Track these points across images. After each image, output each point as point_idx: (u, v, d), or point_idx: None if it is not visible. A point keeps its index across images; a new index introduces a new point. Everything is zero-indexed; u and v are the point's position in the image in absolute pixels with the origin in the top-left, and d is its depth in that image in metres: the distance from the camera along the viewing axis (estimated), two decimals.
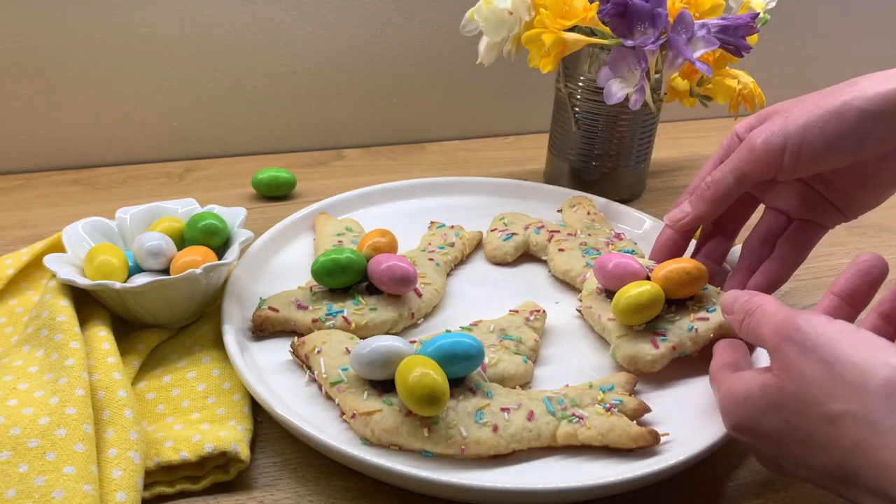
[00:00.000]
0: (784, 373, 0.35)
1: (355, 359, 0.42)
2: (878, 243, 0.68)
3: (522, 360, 0.47)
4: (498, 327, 0.49)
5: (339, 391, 0.43)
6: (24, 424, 0.39)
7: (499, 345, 0.48)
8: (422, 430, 0.41)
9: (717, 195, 0.50)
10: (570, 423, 0.42)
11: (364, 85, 0.82)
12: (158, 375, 0.47)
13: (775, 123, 0.47)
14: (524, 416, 0.42)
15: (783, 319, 0.37)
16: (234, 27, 0.75)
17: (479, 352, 0.43)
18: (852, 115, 0.44)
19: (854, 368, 0.33)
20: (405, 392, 0.40)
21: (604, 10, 0.60)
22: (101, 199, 0.71)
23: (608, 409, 0.43)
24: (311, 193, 0.72)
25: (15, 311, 0.52)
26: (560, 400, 0.43)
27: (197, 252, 0.50)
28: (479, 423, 0.41)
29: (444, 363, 0.41)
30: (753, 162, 0.48)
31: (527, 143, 0.87)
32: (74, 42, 0.71)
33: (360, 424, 0.42)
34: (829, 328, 0.35)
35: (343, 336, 0.47)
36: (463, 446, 0.41)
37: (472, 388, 0.43)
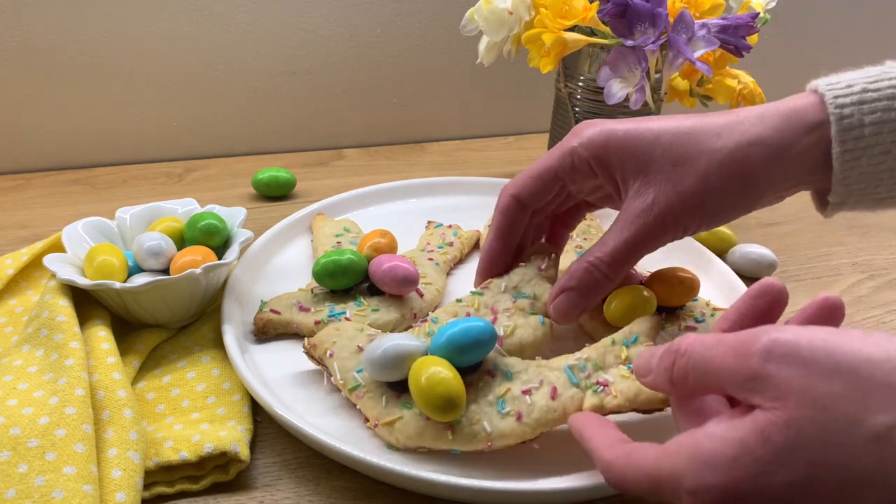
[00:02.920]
0: (785, 401, 0.27)
1: (367, 364, 0.41)
2: (878, 243, 0.68)
3: (539, 321, 0.45)
4: (510, 285, 0.47)
5: (359, 397, 0.42)
6: (23, 424, 0.39)
7: (513, 308, 0.46)
8: (446, 433, 0.40)
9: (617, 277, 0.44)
10: (596, 393, 0.40)
11: (364, 85, 0.82)
12: (158, 375, 0.47)
13: (665, 193, 0.41)
14: (547, 395, 0.40)
15: (746, 339, 0.29)
16: (234, 27, 0.75)
17: (491, 335, 0.41)
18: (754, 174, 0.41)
19: (884, 366, 0.26)
20: (421, 402, 0.39)
21: (604, 9, 0.60)
22: (100, 199, 0.71)
23: (632, 371, 0.39)
24: (310, 193, 0.72)
25: (15, 311, 0.52)
26: (582, 367, 0.41)
27: (197, 252, 0.50)
28: (502, 414, 0.40)
29: (456, 355, 0.40)
30: (658, 237, 0.42)
31: (527, 143, 0.87)
32: (74, 42, 0.71)
33: (385, 433, 0.41)
34: (813, 333, 0.28)
35: (352, 331, 0.45)
36: (489, 442, 0.40)
37: (491, 371, 0.41)
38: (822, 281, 0.62)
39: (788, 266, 0.64)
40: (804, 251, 0.66)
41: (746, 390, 0.28)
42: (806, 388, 0.26)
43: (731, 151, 0.41)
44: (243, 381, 0.45)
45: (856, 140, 0.40)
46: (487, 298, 0.47)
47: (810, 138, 0.40)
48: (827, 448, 0.26)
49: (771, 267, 0.61)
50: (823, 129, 0.40)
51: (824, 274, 0.63)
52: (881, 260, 0.65)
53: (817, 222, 0.71)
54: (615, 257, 0.43)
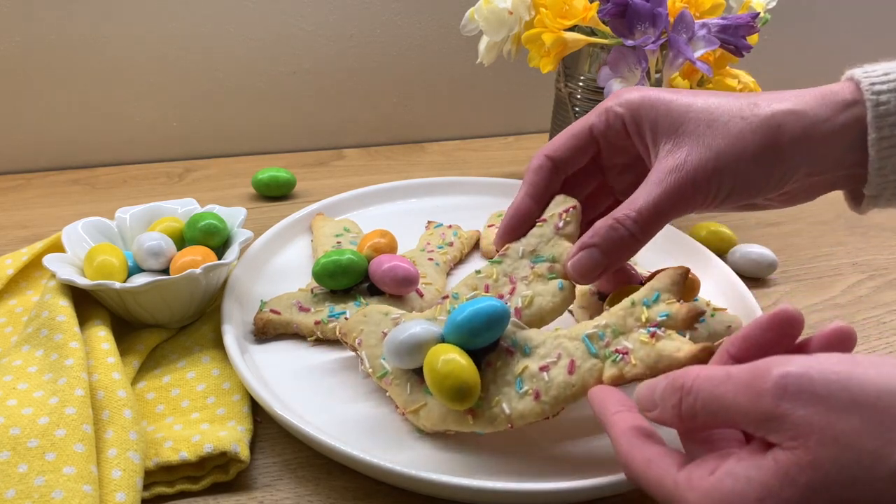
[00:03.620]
0: (804, 439, 0.26)
1: (387, 354, 0.42)
2: (878, 243, 0.68)
3: (558, 286, 0.43)
4: (527, 249, 0.45)
5: (388, 384, 0.43)
6: (23, 424, 0.39)
7: (531, 274, 0.44)
8: (466, 418, 0.40)
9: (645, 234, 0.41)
10: (615, 362, 0.38)
11: (364, 85, 0.82)
12: (158, 375, 0.47)
13: (697, 151, 0.40)
14: (565, 369, 0.39)
15: (756, 375, 0.28)
16: (234, 27, 0.75)
17: (503, 313, 0.40)
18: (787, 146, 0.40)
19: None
20: (436, 392, 0.40)
21: (604, 9, 0.60)
22: (100, 198, 0.71)
23: (653, 335, 0.38)
24: (310, 193, 0.72)
25: (15, 311, 0.52)
26: (601, 335, 0.39)
27: (197, 252, 0.50)
28: (520, 394, 0.39)
29: (469, 339, 0.40)
30: (689, 197, 0.40)
31: (527, 143, 0.87)
32: (74, 42, 0.71)
33: (413, 419, 0.42)
34: (825, 365, 0.27)
35: (378, 315, 0.45)
36: (509, 423, 0.39)
37: (509, 349, 0.41)
38: (823, 281, 0.62)
39: (788, 266, 0.64)
40: (804, 251, 0.66)
41: (762, 429, 0.28)
42: (825, 427, 0.26)
43: (766, 117, 0.40)
44: (243, 381, 0.45)
45: (892, 127, 0.39)
46: (506, 267, 0.45)
47: (846, 115, 0.40)
48: (851, 486, 0.26)
49: (771, 267, 0.61)
50: (859, 108, 0.39)
51: (824, 274, 0.63)
52: (881, 260, 0.65)
53: (817, 222, 0.71)
54: (643, 214, 0.40)
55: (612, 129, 0.44)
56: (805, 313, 0.57)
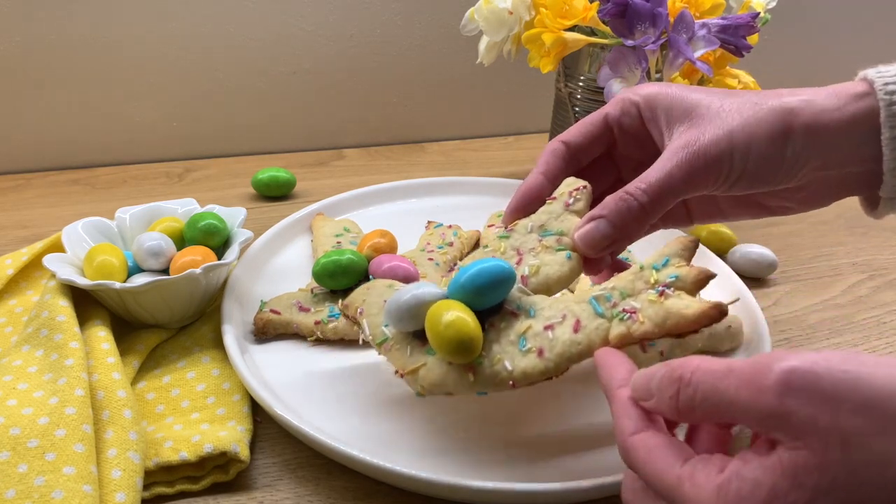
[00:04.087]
0: (810, 440, 0.26)
1: (389, 316, 0.40)
2: (879, 243, 0.68)
3: (566, 256, 0.42)
4: (536, 224, 0.44)
5: (387, 350, 0.41)
6: (23, 424, 0.39)
7: (539, 246, 0.43)
8: (467, 376, 0.38)
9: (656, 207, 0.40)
10: (622, 321, 0.37)
11: (364, 85, 0.82)
12: (158, 375, 0.47)
13: (710, 130, 0.40)
14: (570, 328, 0.38)
15: (759, 370, 0.27)
16: (234, 27, 0.75)
17: (508, 273, 0.39)
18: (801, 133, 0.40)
19: None
20: (437, 345, 0.38)
21: (604, 9, 0.60)
22: (100, 198, 0.71)
23: (661, 294, 0.37)
24: (310, 193, 0.72)
25: (14, 311, 0.52)
26: (608, 296, 0.38)
27: (196, 252, 0.50)
28: (523, 352, 0.38)
29: (473, 298, 0.39)
30: (701, 172, 0.40)
31: (527, 143, 0.87)
32: (74, 42, 0.71)
33: (410, 381, 0.40)
34: (831, 362, 0.26)
35: (382, 287, 0.45)
36: (511, 381, 0.38)
37: (513, 311, 0.40)
38: (823, 281, 0.62)
39: (788, 266, 0.64)
40: (804, 251, 0.66)
41: (765, 426, 0.27)
42: (832, 428, 0.25)
43: (780, 103, 0.40)
44: (243, 381, 0.45)
45: None
46: (513, 241, 0.44)
47: (857, 105, 0.40)
48: (858, 489, 0.25)
49: (771, 267, 0.61)
50: (870, 100, 0.39)
51: (824, 274, 0.63)
52: (881, 260, 0.65)
53: (817, 222, 0.71)
54: (654, 187, 0.40)
55: (626, 115, 0.44)
56: (805, 313, 0.57)
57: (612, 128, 0.45)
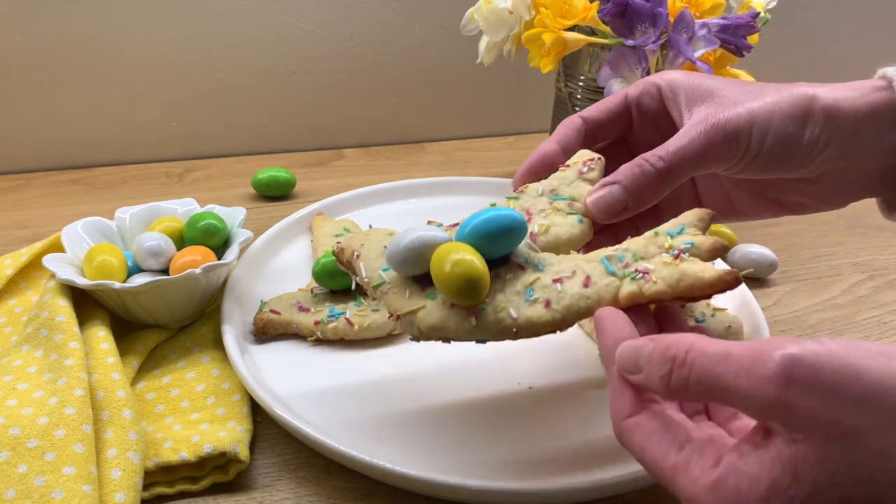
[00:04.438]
0: (810, 433, 0.25)
1: (390, 258, 0.39)
2: (879, 243, 0.68)
3: (577, 219, 0.41)
4: (547, 188, 0.44)
5: (383, 293, 0.40)
6: (23, 425, 0.39)
7: (549, 208, 0.42)
8: (469, 320, 0.37)
9: (673, 175, 0.40)
10: (634, 280, 0.36)
11: (364, 85, 0.82)
12: (158, 376, 0.47)
13: (730, 107, 0.40)
14: (579, 283, 0.37)
15: (758, 357, 0.26)
16: (233, 27, 0.75)
17: (520, 224, 0.38)
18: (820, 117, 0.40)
19: None
20: (441, 285, 0.36)
21: (604, 9, 0.60)
22: (100, 198, 0.71)
23: (676, 256, 0.36)
24: (310, 193, 0.72)
25: (14, 311, 0.52)
26: (620, 257, 0.38)
27: (196, 252, 0.50)
28: (530, 301, 0.37)
29: (482, 244, 0.37)
30: (720, 144, 0.40)
31: (527, 143, 0.87)
32: (74, 42, 0.71)
33: (406, 324, 0.38)
34: (833, 353, 0.26)
35: (381, 234, 0.43)
36: (515, 329, 0.37)
37: (521, 265, 0.39)
38: (823, 281, 0.62)
39: (788, 266, 0.64)
40: (804, 251, 0.66)
41: (763, 415, 0.27)
42: (832, 422, 0.25)
43: (800, 90, 0.40)
44: (243, 381, 0.45)
45: None
46: (523, 202, 0.43)
47: (875, 96, 0.40)
48: (858, 484, 0.25)
49: (771, 267, 0.61)
50: (888, 92, 0.40)
51: (824, 274, 0.63)
52: (882, 260, 0.65)
53: (817, 222, 0.71)
54: (672, 155, 0.39)
55: (647, 95, 0.44)
56: (805, 313, 0.57)
57: (630, 108, 0.45)
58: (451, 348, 0.50)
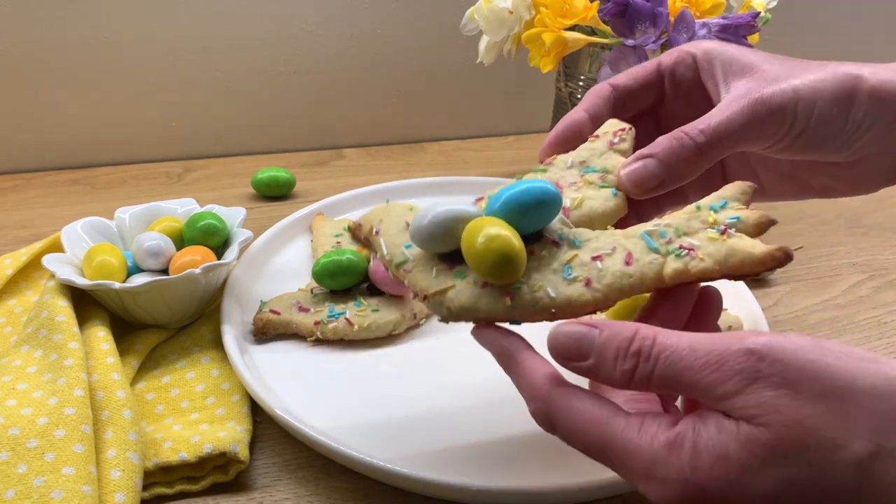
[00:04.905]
0: (768, 418, 0.27)
1: (415, 235, 0.36)
2: (879, 243, 0.68)
3: (611, 192, 0.39)
4: (577, 160, 0.41)
5: (407, 271, 0.37)
6: (22, 425, 0.39)
7: (581, 181, 0.40)
8: (503, 300, 0.34)
9: (712, 151, 0.38)
10: (679, 257, 0.34)
11: (364, 85, 0.82)
12: (157, 376, 0.47)
13: (773, 83, 0.38)
14: (621, 260, 0.35)
15: (724, 351, 0.27)
16: (233, 27, 0.75)
17: (555, 196, 0.35)
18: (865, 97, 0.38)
19: (869, 394, 0.26)
20: (475, 262, 0.34)
21: (604, 9, 0.60)
22: (100, 198, 0.71)
23: (723, 232, 0.34)
24: (310, 193, 0.72)
25: (14, 311, 0.52)
26: (662, 232, 0.36)
27: (196, 252, 0.50)
28: (568, 280, 0.35)
29: (515, 218, 0.35)
30: (764, 120, 0.38)
31: (527, 143, 0.87)
32: (74, 42, 0.71)
33: (435, 304, 0.36)
34: (798, 349, 0.27)
35: (401, 209, 0.41)
36: (553, 309, 0.34)
37: (555, 241, 0.36)
38: (823, 281, 0.62)
39: (788, 266, 0.63)
40: (804, 251, 0.66)
41: (724, 405, 0.27)
42: (790, 410, 0.26)
43: (845, 69, 0.39)
44: (243, 381, 0.45)
45: None
46: (551, 174, 0.41)
47: None
48: (808, 467, 0.26)
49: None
50: None
51: (824, 274, 0.63)
52: (882, 260, 0.65)
53: (818, 222, 0.71)
54: (712, 127, 0.37)
55: (681, 64, 0.42)
56: (805, 314, 0.57)
57: (663, 77, 0.42)
58: (450, 349, 0.50)
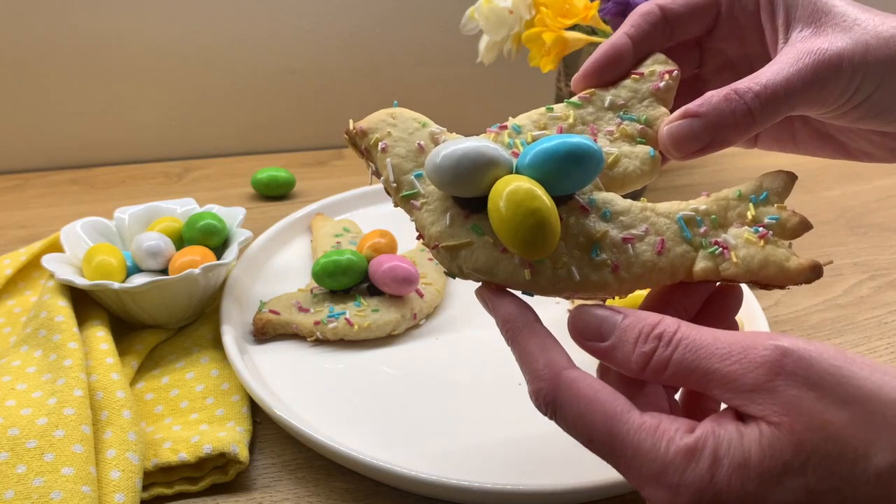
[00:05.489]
0: (792, 419, 0.25)
1: (433, 170, 0.32)
2: (878, 243, 0.68)
3: (649, 153, 0.35)
4: (616, 101, 0.37)
5: (415, 207, 0.34)
6: (22, 425, 0.39)
7: (617, 131, 0.36)
8: (523, 271, 0.32)
9: (766, 113, 0.33)
10: (712, 255, 0.33)
11: (364, 85, 0.82)
12: (157, 376, 0.47)
13: (844, 34, 0.34)
14: (653, 247, 0.33)
15: (749, 345, 0.27)
16: (233, 27, 0.75)
17: (599, 159, 0.32)
18: None
19: (892, 404, 0.25)
20: (502, 231, 0.30)
21: (604, 8, 0.60)
22: (99, 198, 0.70)
23: (762, 236, 0.33)
24: (310, 193, 0.72)
25: (13, 312, 0.52)
26: (699, 220, 0.34)
27: (196, 252, 0.50)
28: (596, 262, 0.32)
29: (549, 177, 0.31)
30: (827, 81, 0.33)
31: None
32: (73, 42, 0.71)
33: (445, 258, 0.33)
34: (824, 354, 0.26)
35: (412, 123, 0.36)
36: (573, 290, 0.32)
37: (585, 206, 0.33)
38: (824, 281, 0.62)
39: None
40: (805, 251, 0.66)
41: (746, 400, 0.26)
42: (814, 413, 0.25)
43: None
44: (242, 381, 0.45)
45: None
46: (585, 113, 0.37)
47: None
48: (829, 477, 0.25)
49: None
50: None
51: (825, 274, 0.63)
52: (883, 260, 0.65)
53: (818, 222, 0.70)
54: (769, 89, 0.33)
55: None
56: (806, 314, 0.57)
57: (719, 6, 0.38)
58: (450, 349, 0.50)
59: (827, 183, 0.77)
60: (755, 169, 0.79)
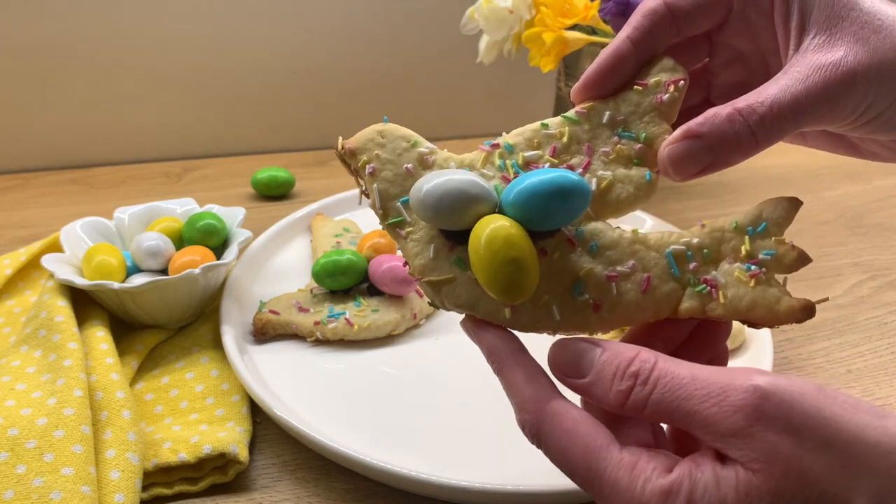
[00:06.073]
0: (770, 466, 0.25)
1: (416, 203, 0.32)
2: (879, 243, 0.68)
3: (645, 177, 0.34)
4: (616, 115, 0.35)
5: (400, 235, 0.33)
6: (22, 425, 0.39)
7: (613, 151, 0.34)
8: (503, 310, 0.32)
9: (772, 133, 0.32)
10: (699, 293, 0.32)
11: (364, 84, 0.82)
12: (157, 376, 0.47)
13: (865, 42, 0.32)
14: (638, 286, 0.32)
15: (728, 385, 0.26)
16: (233, 26, 0.75)
17: (586, 195, 0.31)
18: None
19: (874, 451, 0.25)
20: (481, 273, 0.30)
21: (605, 8, 0.60)
22: (99, 198, 0.70)
23: (754, 275, 0.31)
24: (310, 193, 0.72)
25: (13, 312, 0.52)
26: (689, 255, 0.32)
27: (195, 252, 0.50)
28: (578, 301, 0.32)
29: (536, 217, 0.31)
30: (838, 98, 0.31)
31: None
32: (73, 42, 0.71)
33: (429, 291, 0.33)
34: (805, 395, 0.26)
35: (400, 142, 0.35)
36: (553, 329, 0.32)
37: (570, 238, 0.32)
38: (823, 281, 0.62)
39: None
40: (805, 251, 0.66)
41: (723, 444, 0.26)
42: (792, 459, 0.25)
43: None
44: (242, 381, 0.45)
45: None
46: (581, 130, 0.35)
47: None
48: None
49: None
50: None
51: (825, 274, 0.63)
52: (883, 260, 0.65)
53: (818, 222, 0.71)
54: (774, 110, 0.31)
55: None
56: None
57: (731, 3, 0.35)
58: (450, 349, 0.50)
59: (827, 183, 0.77)
60: (756, 168, 0.79)
